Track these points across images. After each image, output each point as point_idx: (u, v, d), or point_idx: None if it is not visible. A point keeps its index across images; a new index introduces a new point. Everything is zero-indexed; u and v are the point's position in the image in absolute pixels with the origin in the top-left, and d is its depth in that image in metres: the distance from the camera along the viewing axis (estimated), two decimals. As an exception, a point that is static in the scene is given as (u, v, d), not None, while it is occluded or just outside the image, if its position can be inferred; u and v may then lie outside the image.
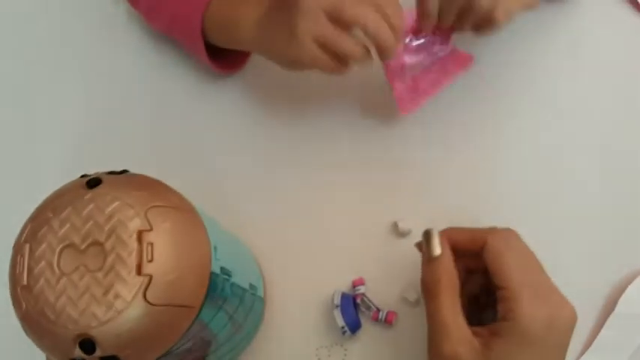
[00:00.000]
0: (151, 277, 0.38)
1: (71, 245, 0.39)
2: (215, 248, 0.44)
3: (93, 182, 0.41)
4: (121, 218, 0.39)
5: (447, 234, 0.48)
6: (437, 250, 0.47)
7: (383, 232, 0.65)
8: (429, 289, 0.46)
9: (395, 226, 0.64)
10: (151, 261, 0.38)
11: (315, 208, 0.66)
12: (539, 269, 0.46)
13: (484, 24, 0.58)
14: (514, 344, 0.42)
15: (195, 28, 0.65)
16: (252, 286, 0.55)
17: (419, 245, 0.51)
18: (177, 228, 0.40)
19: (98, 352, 0.38)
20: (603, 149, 0.67)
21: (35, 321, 0.39)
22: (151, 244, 0.39)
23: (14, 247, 0.41)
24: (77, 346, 0.38)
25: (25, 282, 0.39)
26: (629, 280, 0.61)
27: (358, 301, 0.60)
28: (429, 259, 0.47)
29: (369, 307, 0.60)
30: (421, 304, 0.60)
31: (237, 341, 0.54)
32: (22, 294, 0.39)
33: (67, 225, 0.40)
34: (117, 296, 0.38)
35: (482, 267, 0.47)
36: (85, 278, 0.38)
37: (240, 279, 0.51)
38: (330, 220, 0.66)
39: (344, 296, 0.59)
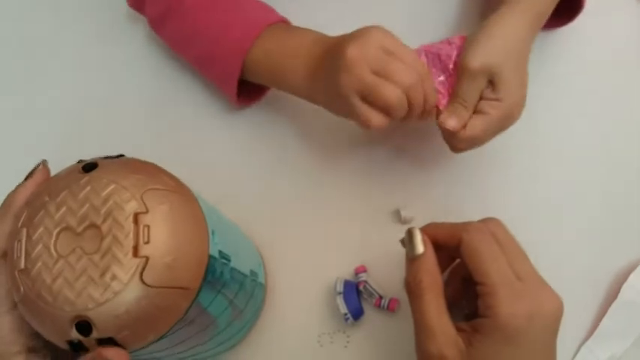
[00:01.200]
0: (147, 259, 0.38)
1: (68, 228, 0.39)
2: (213, 232, 0.44)
3: (88, 167, 0.42)
4: (117, 201, 0.39)
5: (427, 231, 0.48)
6: (419, 248, 0.47)
7: (385, 220, 0.65)
8: (412, 290, 0.46)
9: (397, 213, 0.64)
10: (147, 243, 0.38)
11: (318, 196, 0.67)
12: (521, 262, 0.45)
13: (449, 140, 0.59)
14: (495, 341, 0.42)
15: (233, 73, 0.64)
16: (252, 272, 0.55)
17: (402, 242, 0.50)
18: (174, 210, 0.40)
19: (95, 334, 0.38)
20: (605, 138, 0.68)
21: (33, 304, 0.39)
22: (148, 226, 0.39)
23: (10, 233, 0.41)
24: (74, 327, 0.38)
25: (22, 266, 0.39)
26: (631, 268, 0.62)
27: (361, 288, 0.60)
28: (411, 258, 0.47)
29: (371, 294, 0.60)
30: None
31: (238, 327, 0.55)
32: (19, 277, 0.39)
33: (64, 208, 0.40)
34: (114, 278, 0.38)
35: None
36: (82, 260, 0.38)
37: (240, 264, 0.50)
38: (333, 208, 0.66)
39: (346, 283, 0.59)
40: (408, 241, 0.47)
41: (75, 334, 0.38)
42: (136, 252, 0.38)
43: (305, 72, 0.60)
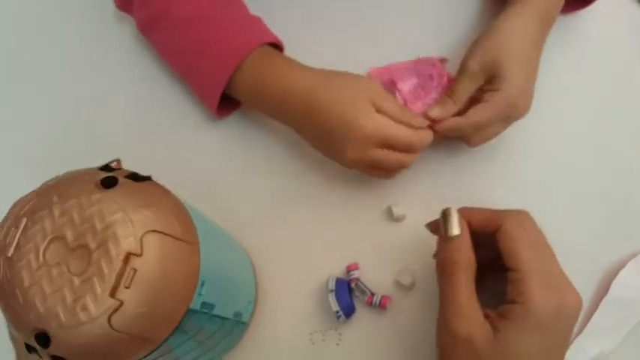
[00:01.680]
0: (121, 304, 0.37)
1: (62, 239, 0.39)
2: (203, 284, 0.42)
3: (108, 182, 0.41)
4: (117, 232, 0.38)
5: (463, 213, 0.47)
6: (455, 229, 0.46)
7: (377, 218, 0.65)
8: (445, 269, 0.46)
9: (389, 211, 0.64)
10: (128, 287, 0.37)
11: (309, 194, 0.66)
12: (550, 254, 0.46)
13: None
14: (523, 327, 0.42)
15: (215, 91, 0.63)
16: (237, 314, 0.53)
17: (431, 226, 0.51)
18: (168, 260, 0.39)
19: (51, 350, 0.38)
20: (601, 138, 0.68)
21: (5, 294, 0.39)
22: (134, 270, 0.38)
23: (13, 212, 0.41)
24: (33, 336, 0.38)
25: (9, 254, 0.39)
26: (621, 265, 0.62)
27: (352, 285, 0.60)
28: (446, 239, 0.46)
29: (363, 292, 0.60)
30: (415, 288, 0.61)
31: (205, 358, 0.54)
32: (3, 263, 0.39)
33: (66, 217, 0.39)
34: (84, 308, 0.37)
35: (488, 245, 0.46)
36: (63, 278, 0.38)
37: (225, 309, 0.49)
38: (324, 205, 0.65)
39: (338, 281, 0.59)
40: (442, 221, 0.47)
41: (33, 342, 0.38)
42: (113, 292, 0.37)
43: (290, 118, 0.61)
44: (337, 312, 0.58)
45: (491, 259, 0.46)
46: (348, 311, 0.58)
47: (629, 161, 0.67)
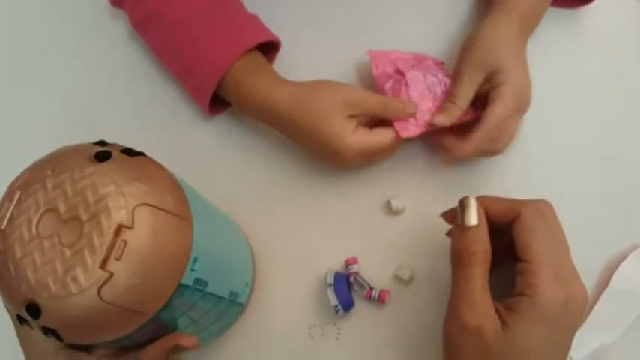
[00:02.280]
0: (111, 275, 0.37)
1: (55, 210, 0.39)
2: (195, 259, 0.42)
3: (102, 156, 0.41)
4: (109, 205, 0.38)
5: (481, 202, 0.47)
6: (473, 220, 0.46)
7: (376, 211, 0.65)
8: (461, 259, 0.45)
9: (388, 204, 0.64)
10: (118, 259, 0.37)
11: (308, 188, 0.66)
12: (564, 247, 0.45)
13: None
14: (531, 321, 0.42)
15: (206, 92, 0.63)
16: (233, 293, 0.53)
17: (447, 215, 0.51)
18: (160, 234, 0.39)
19: (41, 321, 0.38)
20: (600, 131, 0.68)
21: (-2, 265, 0.39)
22: (125, 242, 0.38)
23: (8, 187, 0.41)
24: (24, 307, 0.38)
25: (3, 227, 0.39)
26: (622, 257, 0.62)
27: (351, 279, 0.60)
28: (463, 228, 0.46)
29: (362, 286, 0.60)
30: (414, 282, 0.61)
31: (201, 337, 0.54)
32: (-4, 236, 0.40)
33: (59, 190, 0.39)
34: (74, 279, 0.37)
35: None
36: (55, 249, 0.38)
37: (219, 288, 0.49)
38: (323, 199, 0.65)
39: (337, 275, 0.59)
40: (460, 211, 0.46)
41: (24, 313, 0.39)
42: (104, 264, 0.37)
43: (274, 127, 0.63)
44: (336, 306, 0.58)
45: (501, 248, 0.46)
46: (347, 305, 0.58)
47: (631, 154, 0.67)
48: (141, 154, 0.43)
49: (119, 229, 0.38)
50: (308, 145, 0.61)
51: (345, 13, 0.73)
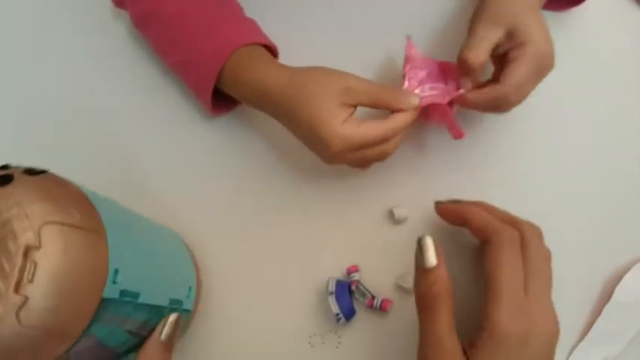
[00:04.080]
0: (26, 299, 0.36)
1: (-39, 242, 0.38)
2: (116, 271, 0.41)
3: (3, 179, 0.40)
4: (14, 228, 0.37)
5: (466, 212, 0.48)
6: (432, 260, 0.46)
7: (378, 220, 0.65)
8: (424, 302, 0.46)
9: (390, 213, 0.63)
10: (31, 281, 0.36)
11: (310, 195, 0.66)
12: (536, 278, 0.44)
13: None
14: (488, 356, 0.42)
15: (208, 84, 0.63)
16: (174, 301, 0.53)
17: (439, 208, 0.52)
18: (70, 250, 0.38)
19: (-36, 355, 0.37)
20: (602, 140, 0.67)
21: None
22: (35, 263, 0.37)
23: None
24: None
25: None
26: (625, 269, 0.62)
27: (353, 288, 0.59)
28: (424, 270, 0.46)
29: (363, 295, 0.59)
30: None
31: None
32: None
33: (-38, 219, 0.38)
34: (-10, 308, 0.36)
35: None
36: (-34, 281, 0.37)
37: (155, 297, 0.49)
38: (325, 207, 0.65)
39: (339, 283, 0.59)
40: (419, 251, 0.46)
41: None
42: (17, 288, 0.36)
43: (271, 115, 0.62)
44: (337, 314, 0.57)
45: None
46: (349, 314, 0.58)
47: (635, 165, 0.67)
48: (44, 172, 0.42)
49: (27, 250, 0.37)
50: (297, 130, 0.59)
51: (340, 15, 0.73)
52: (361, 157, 0.58)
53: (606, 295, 0.61)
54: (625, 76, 0.70)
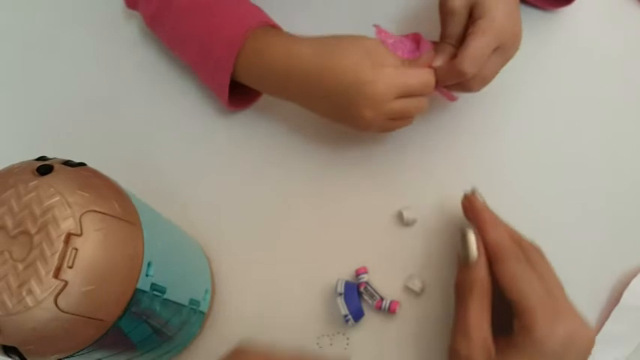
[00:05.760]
0: (66, 284, 0.37)
1: (3, 228, 0.39)
2: (149, 264, 0.43)
3: (43, 169, 0.41)
4: (55, 215, 0.39)
5: (487, 228, 0.50)
6: (474, 254, 0.48)
7: (387, 221, 0.65)
8: (461, 292, 0.48)
9: (400, 215, 0.63)
10: (71, 267, 0.38)
11: (319, 196, 0.66)
12: (557, 287, 0.46)
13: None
14: (529, 358, 0.42)
15: (224, 76, 0.63)
16: (193, 301, 0.54)
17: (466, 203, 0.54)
18: (109, 239, 0.40)
19: (1, 339, 0.38)
20: (605, 144, 0.68)
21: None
22: (76, 249, 0.38)
23: None
24: (-19, 327, 0.38)
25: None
26: (633, 273, 0.61)
27: (362, 289, 0.60)
28: (464, 263, 0.48)
29: (372, 296, 0.60)
30: (425, 293, 0.61)
31: (165, 350, 0.54)
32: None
33: (5, 207, 0.39)
34: (29, 292, 0.37)
35: None
36: (7, 265, 0.38)
37: (178, 295, 0.50)
38: (334, 208, 0.65)
39: (347, 284, 0.59)
40: (461, 244, 0.48)
41: (-19, 333, 0.38)
42: (57, 273, 0.38)
43: (296, 92, 0.61)
44: (346, 316, 0.57)
45: None
46: (358, 315, 0.58)
47: None
48: (82, 164, 0.44)
49: (68, 237, 0.38)
50: (333, 92, 0.57)
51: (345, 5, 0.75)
52: (400, 108, 0.57)
53: (615, 299, 0.61)
54: (625, 76, 0.71)
